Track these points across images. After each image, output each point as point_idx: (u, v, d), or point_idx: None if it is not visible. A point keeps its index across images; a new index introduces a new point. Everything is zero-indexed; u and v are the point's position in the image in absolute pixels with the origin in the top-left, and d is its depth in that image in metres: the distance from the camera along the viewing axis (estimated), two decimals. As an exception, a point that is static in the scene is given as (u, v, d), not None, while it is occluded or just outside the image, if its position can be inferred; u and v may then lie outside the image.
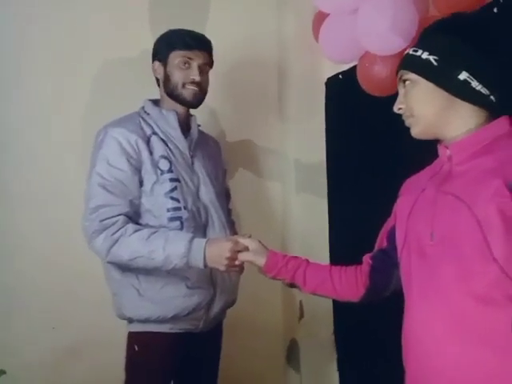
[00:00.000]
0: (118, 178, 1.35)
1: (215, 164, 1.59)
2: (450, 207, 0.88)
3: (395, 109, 0.97)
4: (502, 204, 0.81)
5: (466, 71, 0.89)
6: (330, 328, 2.02)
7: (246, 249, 1.22)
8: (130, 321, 1.43)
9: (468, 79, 0.89)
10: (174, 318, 1.39)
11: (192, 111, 1.53)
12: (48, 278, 1.73)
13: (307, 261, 1.17)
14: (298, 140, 2.06)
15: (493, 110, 0.92)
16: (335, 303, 1.98)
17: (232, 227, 1.60)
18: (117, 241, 1.31)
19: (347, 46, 1.55)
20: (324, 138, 2.02)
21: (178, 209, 1.39)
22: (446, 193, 0.90)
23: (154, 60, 1.49)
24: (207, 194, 1.48)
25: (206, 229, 1.45)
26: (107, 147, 1.37)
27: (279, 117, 2.10)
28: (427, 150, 1.01)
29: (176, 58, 1.43)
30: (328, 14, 1.61)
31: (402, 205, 1.03)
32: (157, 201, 1.38)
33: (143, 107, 1.50)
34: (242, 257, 1.22)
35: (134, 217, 1.37)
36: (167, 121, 1.46)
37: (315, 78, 2.03)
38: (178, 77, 1.43)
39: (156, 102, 1.51)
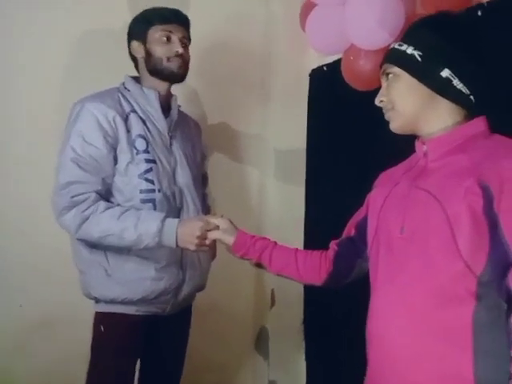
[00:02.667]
0: (91, 155, 1.32)
1: (194, 146, 1.56)
2: (421, 202, 0.90)
3: (377, 101, 0.98)
4: (473, 202, 0.83)
5: (449, 69, 0.90)
6: (300, 318, 2.05)
7: (217, 228, 1.22)
8: (97, 301, 1.41)
9: (450, 77, 0.90)
10: (141, 301, 1.37)
11: (173, 91, 1.50)
12: (17, 255, 1.69)
13: (275, 243, 1.19)
14: (279, 127, 2.06)
15: (471, 110, 0.93)
16: (306, 293, 2.01)
17: (207, 212, 1.59)
18: (87, 218, 1.29)
19: (333, 38, 1.55)
20: (305, 127, 2.02)
21: (152, 191, 1.36)
22: (418, 188, 0.92)
23: (130, 40, 1.45)
24: (183, 177, 1.45)
25: (180, 213, 1.42)
26: (83, 122, 1.33)
27: (262, 103, 2.09)
28: (405, 145, 1.02)
29: (156, 32, 1.40)
30: (316, 4, 1.60)
31: (375, 197, 1.04)
32: (130, 181, 1.35)
33: (123, 83, 1.45)
34: (212, 235, 1.22)
35: (105, 195, 1.35)
36: (147, 99, 1.42)
37: (300, 67, 2.02)
38: (160, 52, 1.40)
39: (137, 79, 1.47)
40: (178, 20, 1.42)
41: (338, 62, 1.67)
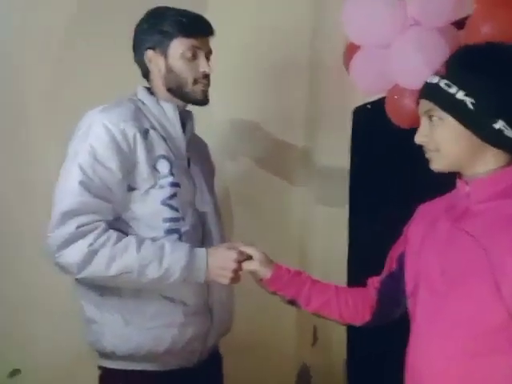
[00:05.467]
0: (103, 179, 1.11)
1: (209, 169, 1.40)
2: (464, 245, 0.88)
3: (417, 140, 0.94)
4: None
5: (503, 120, 0.85)
6: (344, 356, 2.00)
7: (249, 258, 1.12)
8: (110, 355, 1.17)
9: (503, 127, 0.86)
10: (167, 353, 1.16)
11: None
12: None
13: (311, 278, 1.12)
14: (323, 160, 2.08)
15: None
16: (349, 330, 1.97)
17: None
18: (97, 252, 1.06)
19: (377, 79, 1.58)
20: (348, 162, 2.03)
21: (177, 220, 1.17)
22: (461, 230, 0.90)
23: (143, 47, 1.23)
24: (205, 203, 1.27)
25: (204, 245, 1.22)
26: (97, 137, 1.11)
27: (305, 138, 2.12)
28: (448, 179, 1.01)
29: (180, 47, 1.20)
30: (359, 47, 1.65)
31: (414, 232, 1.02)
32: (152, 208, 1.15)
33: (136, 94, 1.26)
34: (247, 266, 1.11)
35: (117, 227, 1.14)
36: (165, 114, 1.23)
37: (344, 104, 2.05)
38: (186, 71, 1.20)
39: (149, 90, 1.27)
40: (204, 32, 1.23)
41: (381, 100, 1.69)
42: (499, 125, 0.85)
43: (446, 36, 1.41)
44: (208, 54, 1.25)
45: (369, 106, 1.89)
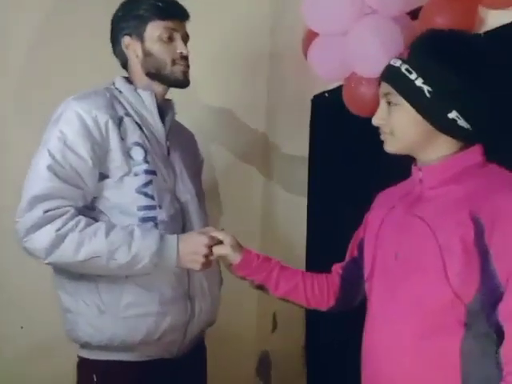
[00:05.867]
0: (73, 166, 1.10)
1: (193, 158, 1.38)
2: (416, 230, 0.91)
3: (374, 122, 0.95)
4: (465, 235, 0.83)
5: (457, 111, 0.87)
6: (303, 342, 2.03)
7: (220, 243, 1.12)
8: (85, 345, 1.17)
9: (456, 118, 0.88)
10: (143, 344, 1.15)
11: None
12: (17, 275, 1.70)
13: (280, 263, 1.14)
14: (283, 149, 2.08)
15: (469, 140, 0.94)
16: (308, 316, 2.00)
17: None
18: (65, 237, 1.05)
19: (335, 66, 1.59)
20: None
21: (152, 208, 1.15)
22: (414, 215, 0.93)
23: (119, 35, 1.24)
24: (185, 192, 1.26)
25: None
26: (67, 124, 1.11)
27: (266, 126, 2.12)
28: (406, 166, 1.03)
29: (156, 30, 1.21)
30: (317, 34, 1.65)
31: (373, 219, 1.06)
32: (126, 196, 1.14)
33: (113, 83, 1.26)
34: (218, 250, 1.10)
35: (89, 214, 1.13)
36: (142, 102, 1.23)
37: (304, 93, 2.06)
38: (164, 53, 1.21)
39: (127, 80, 1.28)
40: (180, 15, 1.24)
41: (339, 89, 1.70)
42: (453, 115, 0.87)
43: (401, 25, 1.43)
44: (185, 38, 1.26)
45: (327, 95, 1.90)
